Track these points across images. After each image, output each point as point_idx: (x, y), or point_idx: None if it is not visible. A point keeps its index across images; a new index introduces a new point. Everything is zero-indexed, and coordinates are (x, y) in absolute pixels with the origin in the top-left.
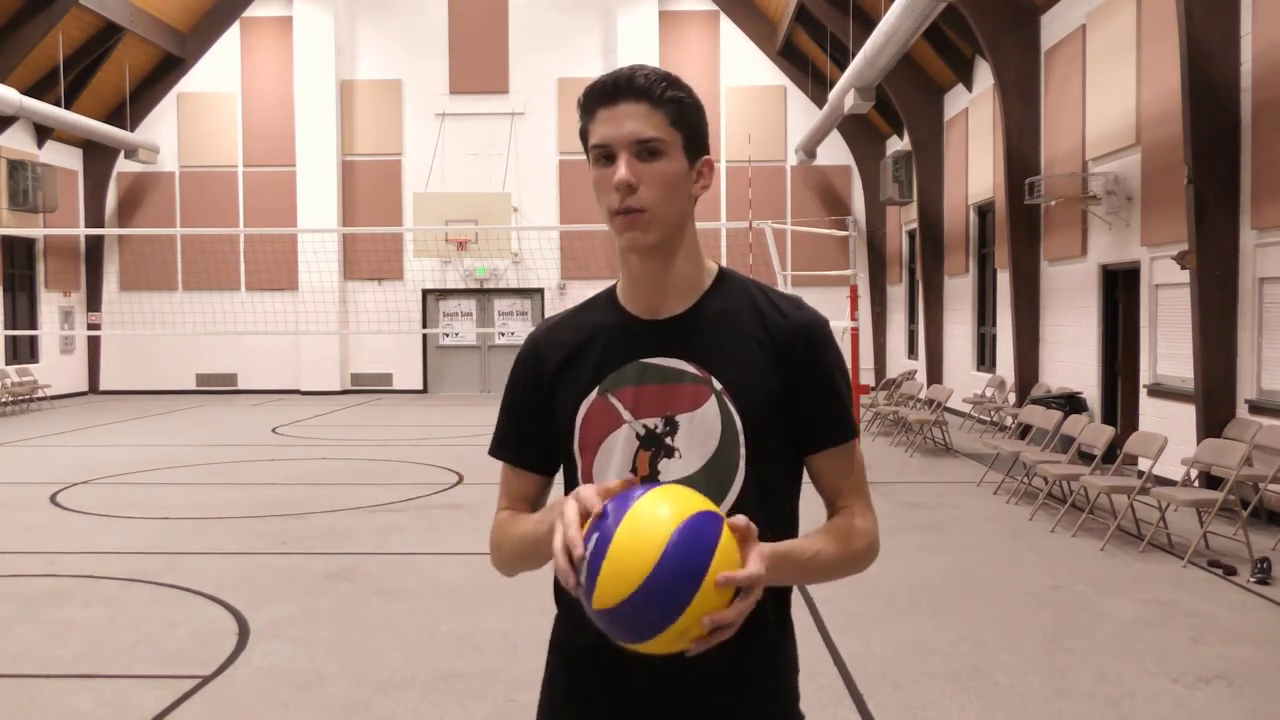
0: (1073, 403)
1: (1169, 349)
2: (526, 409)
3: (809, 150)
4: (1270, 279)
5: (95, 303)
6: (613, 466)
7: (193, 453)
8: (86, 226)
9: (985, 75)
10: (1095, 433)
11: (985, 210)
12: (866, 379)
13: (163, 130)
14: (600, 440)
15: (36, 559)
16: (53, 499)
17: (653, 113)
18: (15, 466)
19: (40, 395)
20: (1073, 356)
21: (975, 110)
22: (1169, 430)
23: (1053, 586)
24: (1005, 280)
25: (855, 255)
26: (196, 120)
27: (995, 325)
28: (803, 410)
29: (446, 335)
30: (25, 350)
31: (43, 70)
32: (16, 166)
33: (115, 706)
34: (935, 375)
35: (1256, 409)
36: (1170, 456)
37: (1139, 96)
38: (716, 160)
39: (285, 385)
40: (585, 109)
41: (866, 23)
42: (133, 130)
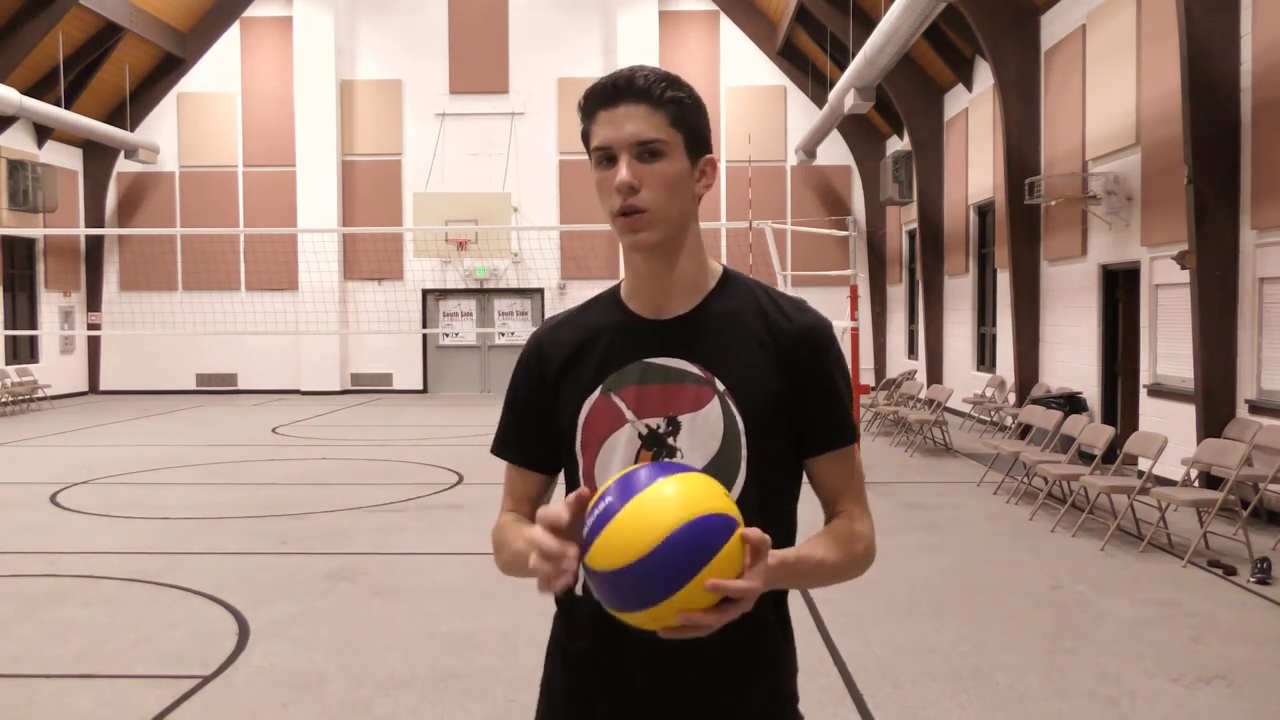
0: (1073, 403)
1: (1169, 349)
2: (530, 408)
3: (809, 150)
4: (1270, 279)
5: (95, 303)
6: (614, 466)
7: (193, 453)
8: (86, 226)
9: (985, 75)
10: (1095, 433)
11: (985, 210)
12: (866, 379)
13: (163, 130)
14: (603, 439)
15: (36, 559)
16: (53, 499)
17: (653, 114)
18: (15, 466)
19: (40, 395)
20: (1073, 356)
21: (975, 110)
22: (1169, 430)
23: (1053, 586)
24: (1005, 280)
25: (855, 255)
26: (196, 120)
27: (995, 325)
28: (804, 413)
29: (446, 335)
30: (25, 350)
31: (43, 70)
32: (16, 166)
33: (115, 706)
34: (935, 375)
35: (1256, 409)
36: (1170, 456)
37: (1139, 96)
38: (718, 159)
39: (285, 385)
40: (586, 112)
41: (866, 23)
42: (133, 130)
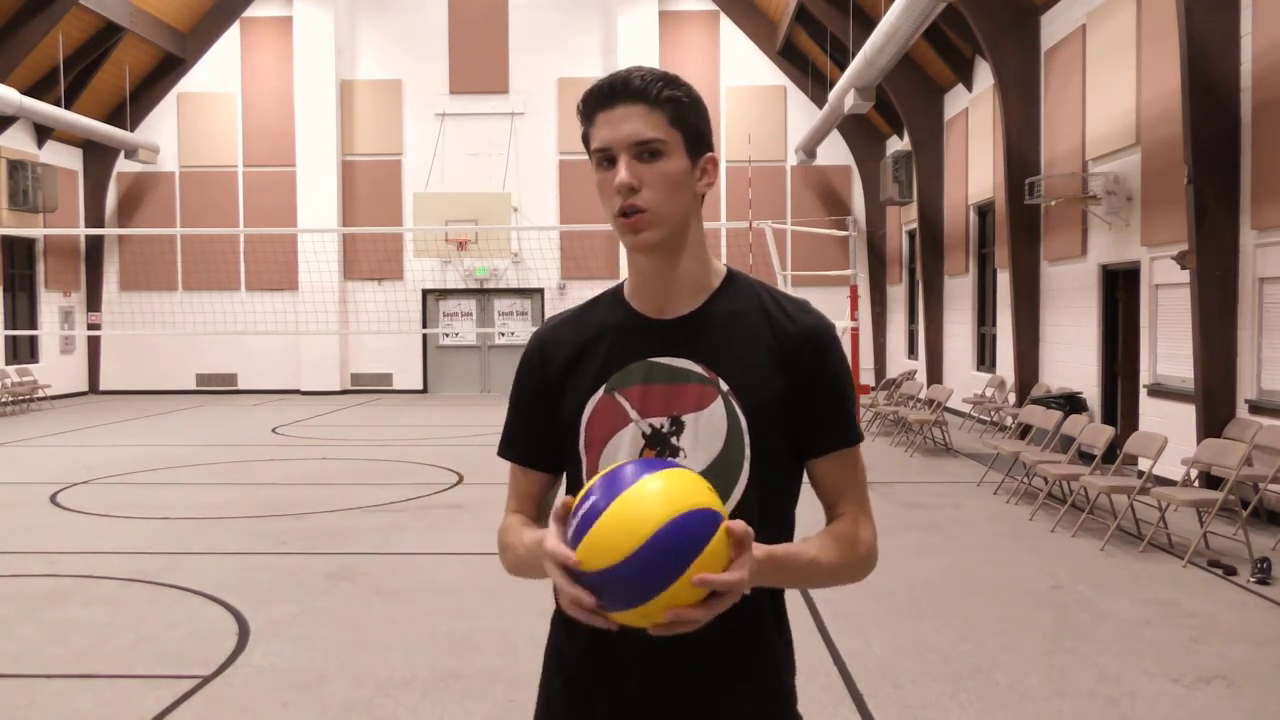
0: (1073, 403)
1: (1169, 349)
2: (533, 407)
3: (809, 150)
4: (1270, 279)
5: (95, 303)
6: None
7: (193, 453)
8: (86, 226)
9: (985, 75)
10: (1095, 433)
11: (985, 210)
12: (866, 379)
13: (163, 130)
14: (606, 438)
15: (36, 559)
16: (53, 499)
17: (650, 113)
18: (15, 466)
19: (40, 395)
20: (1073, 356)
21: (975, 110)
22: (1169, 430)
23: (1053, 586)
24: (1005, 280)
25: (855, 255)
26: (196, 120)
27: (995, 325)
28: (807, 414)
29: (446, 335)
30: (25, 350)
31: (43, 70)
32: (16, 166)
33: (115, 706)
34: (935, 375)
35: (1256, 409)
36: (1170, 456)
37: (1139, 96)
38: (719, 158)
39: (285, 385)
40: (584, 114)
41: (866, 23)
42: (133, 130)
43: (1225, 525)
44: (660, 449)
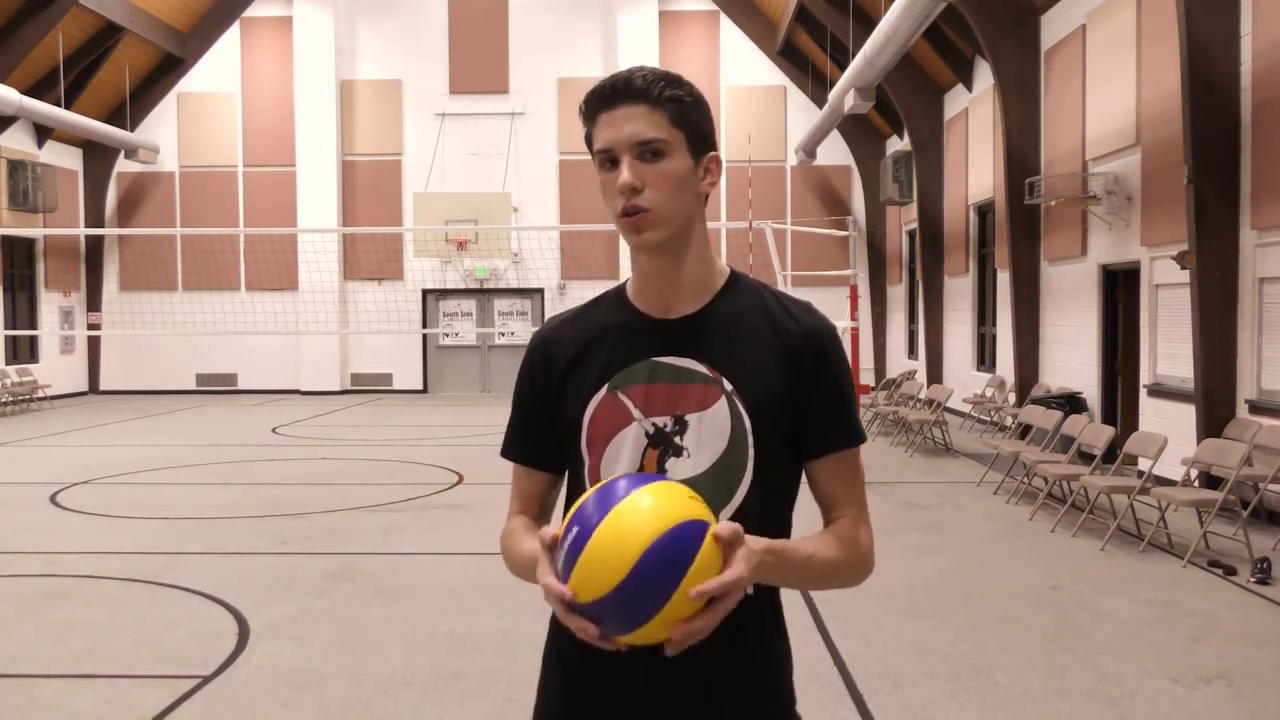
0: (1073, 403)
1: (1169, 349)
2: (536, 408)
3: (809, 150)
4: (1270, 279)
5: (95, 303)
6: (621, 464)
7: (193, 453)
8: (86, 226)
9: (985, 75)
10: (1095, 433)
11: (985, 210)
12: (866, 379)
13: (163, 130)
14: (609, 437)
15: (36, 559)
16: (53, 499)
17: (652, 113)
18: (15, 466)
19: (40, 395)
20: (1073, 356)
21: (975, 110)
22: (1169, 430)
23: (1053, 586)
24: (1005, 280)
25: (855, 255)
26: (196, 120)
27: (995, 325)
28: (809, 414)
29: (446, 335)
30: (25, 350)
31: (43, 70)
32: (16, 166)
33: (115, 706)
34: (935, 375)
35: (1256, 409)
36: (1170, 456)
37: (1139, 96)
38: (721, 157)
39: (285, 385)
40: (586, 115)
41: (866, 23)
42: (133, 130)
43: (1225, 525)
44: (663, 448)
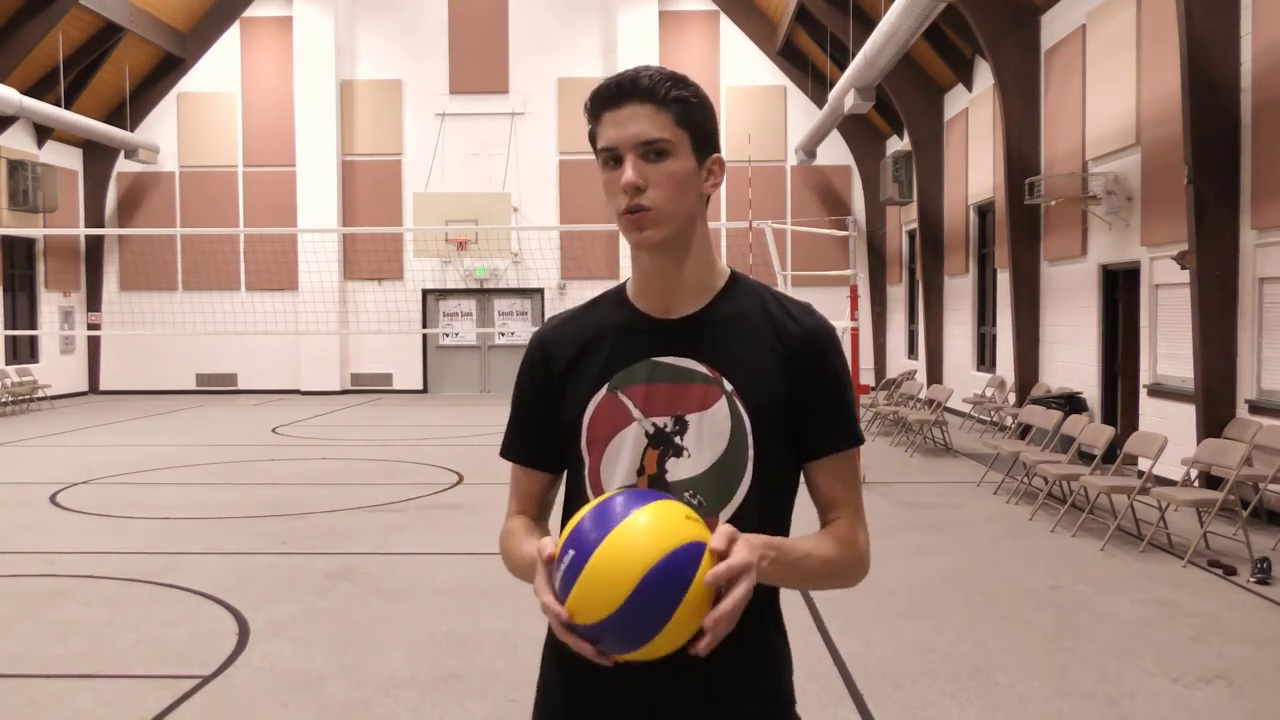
0: (1073, 403)
1: (1169, 349)
2: (536, 407)
3: (809, 150)
4: (1270, 279)
5: (95, 303)
6: (621, 464)
7: (193, 453)
8: (86, 226)
9: (985, 75)
10: (1095, 433)
11: (985, 210)
12: (866, 379)
13: (163, 130)
14: (609, 437)
15: (36, 559)
16: (53, 499)
17: (658, 113)
18: (15, 466)
19: (40, 395)
20: (1073, 356)
21: (975, 110)
22: (1169, 430)
23: (1053, 586)
24: (1005, 280)
25: (855, 255)
26: (196, 120)
27: (995, 325)
28: (810, 415)
29: (446, 335)
30: (25, 350)
31: (43, 70)
32: (16, 166)
33: (115, 706)
34: (935, 375)
35: (1256, 409)
36: (1170, 456)
37: (1139, 96)
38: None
39: (285, 385)
40: (592, 113)
41: (866, 23)
42: (133, 130)
43: (1225, 525)
44: (663, 448)
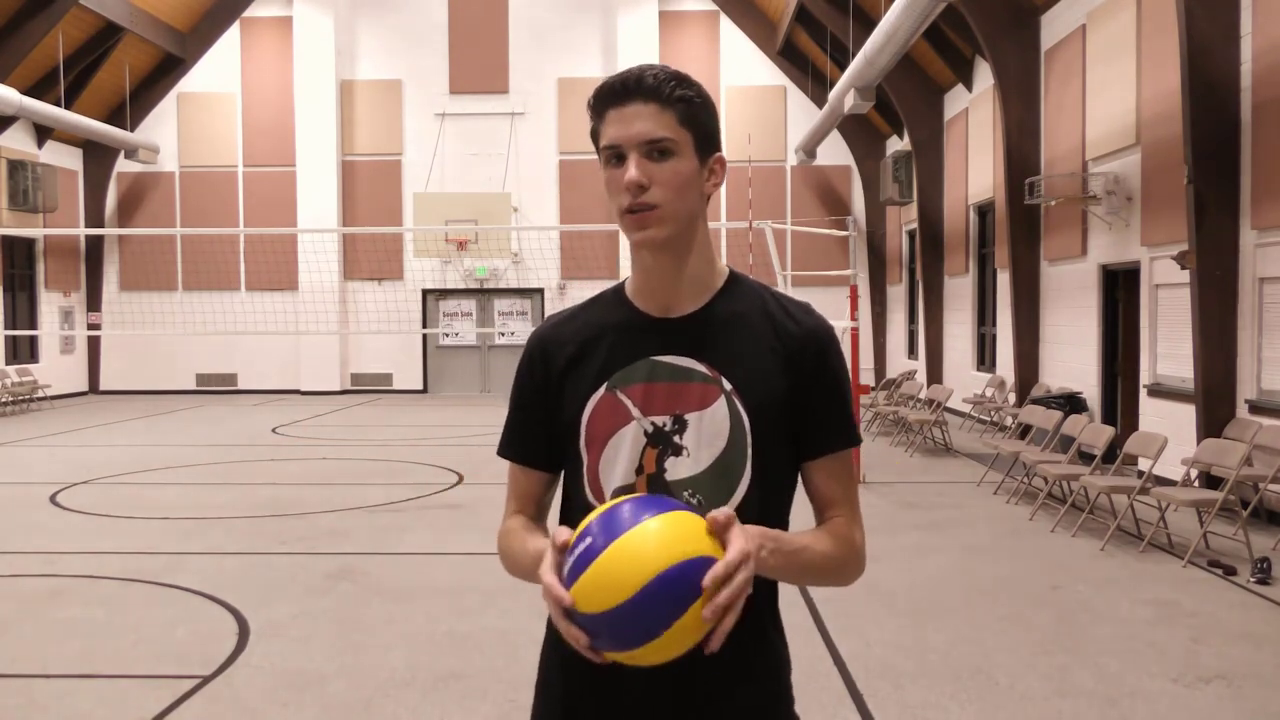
0: (1073, 403)
1: (1169, 349)
2: (534, 406)
3: (809, 150)
4: (1270, 279)
5: (95, 303)
6: (620, 463)
7: (193, 453)
8: (86, 226)
9: (985, 75)
10: (1095, 433)
11: (985, 210)
12: (866, 379)
13: (163, 130)
14: (608, 436)
15: (36, 559)
16: (53, 499)
17: (662, 112)
18: (15, 466)
19: (40, 395)
20: (1073, 356)
21: (975, 110)
22: (1169, 430)
23: (1053, 586)
24: (1005, 280)
25: (855, 255)
26: (196, 120)
27: (995, 325)
28: (808, 415)
29: (446, 335)
30: (25, 350)
31: (43, 70)
32: (16, 166)
33: (115, 706)
34: (935, 375)
35: (1256, 409)
36: (1170, 456)
37: (1139, 96)
38: (727, 159)
39: (285, 385)
40: (595, 110)
41: (866, 23)
42: (133, 130)
43: (1225, 525)
44: (662, 447)
